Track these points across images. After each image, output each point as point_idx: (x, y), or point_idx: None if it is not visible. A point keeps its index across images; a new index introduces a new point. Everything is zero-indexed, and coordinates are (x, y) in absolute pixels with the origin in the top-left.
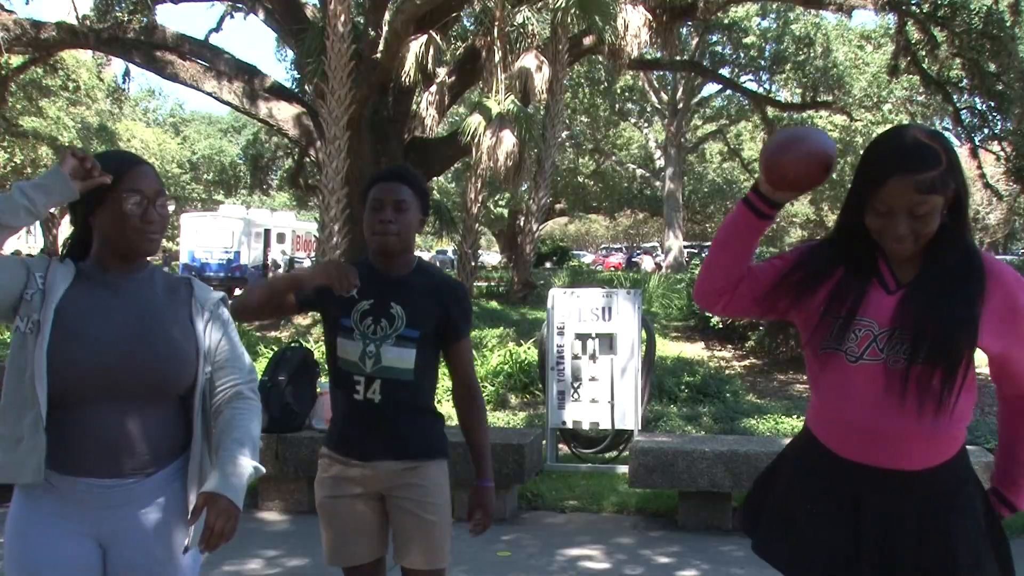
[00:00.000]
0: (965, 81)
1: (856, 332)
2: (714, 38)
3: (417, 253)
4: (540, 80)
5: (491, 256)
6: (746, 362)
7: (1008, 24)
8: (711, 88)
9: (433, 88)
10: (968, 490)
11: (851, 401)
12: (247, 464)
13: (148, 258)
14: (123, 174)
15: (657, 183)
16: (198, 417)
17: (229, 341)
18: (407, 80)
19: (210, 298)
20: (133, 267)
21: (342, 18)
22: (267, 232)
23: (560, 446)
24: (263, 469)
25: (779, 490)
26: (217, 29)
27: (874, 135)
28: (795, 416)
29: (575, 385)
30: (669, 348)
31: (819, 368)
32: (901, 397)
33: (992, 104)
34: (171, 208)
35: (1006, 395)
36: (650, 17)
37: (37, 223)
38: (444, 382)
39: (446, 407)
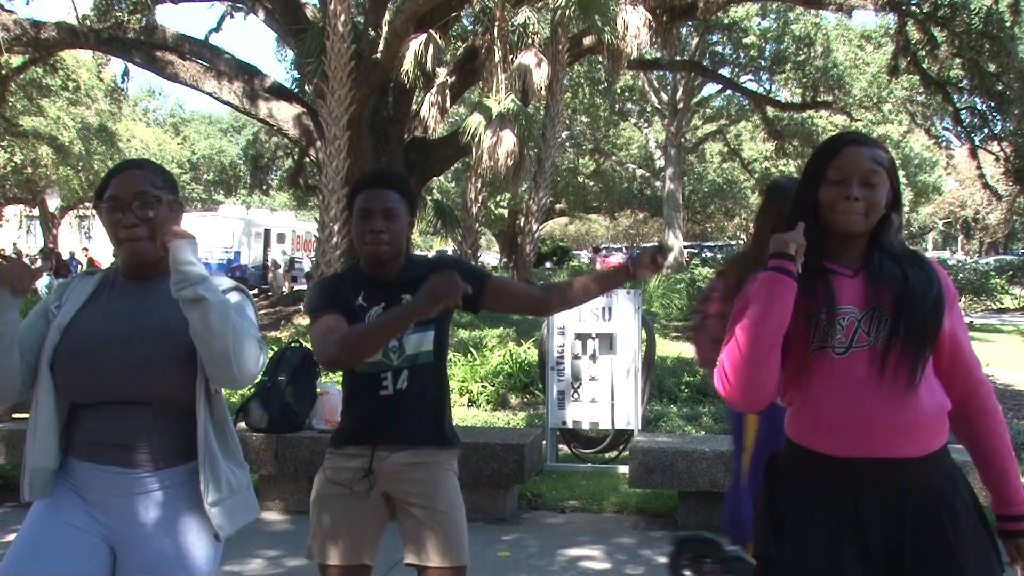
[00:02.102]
0: (965, 81)
1: (840, 323)
2: (714, 38)
3: (417, 253)
4: (540, 78)
5: (491, 256)
6: None
7: (1008, 24)
8: (711, 88)
9: (433, 88)
10: (958, 486)
11: (845, 393)
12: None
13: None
14: (104, 187)
15: (657, 183)
16: (204, 424)
17: (240, 317)
18: (407, 80)
19: (220, 287)
20: (150, 273)
21: (342, 18)
22: (267, 232)
23: (560, 446)
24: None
25: (774, 512)
26: (217, 29)
27: (875, 135)
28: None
29: (575, 385)
30: (669, 348)
31: (808, 372)
32: (890, 374)
33: (992, 104)
34: (158, 204)
35: (959, 395)
36: (650, 17)
37: (37, 223)
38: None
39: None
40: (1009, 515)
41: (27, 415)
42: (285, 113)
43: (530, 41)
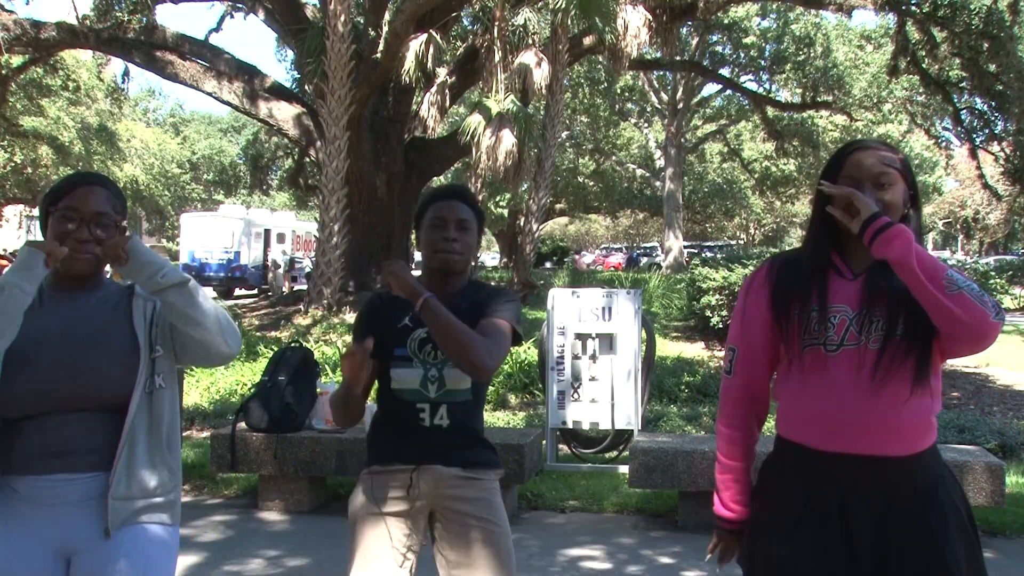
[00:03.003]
0: (965, 81)
1: (832, 320)
2: (714, 38)
3: (417, 254)
4: (539, 78)
5: (491, 256)
6: None
7: (1008, 24)
8: (711, 88)
9: (433, 88)
10: (946, 488)
11: (835, 389)
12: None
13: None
14: (65, 194)
15: (657, 183)
16: (133, 419)
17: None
18: (407, 80)
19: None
20: (79, 285)
21: (342, 18)
22: (267, 232)
23: (560, 446)
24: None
25: (764, 513)
26: (217, 29)
27: (874, 135)
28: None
29: (575, 385)
30: (669, 348)
31: (799, 368)
32: (882, 375)
33: (992, 104)
34: (114, 228)
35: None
36: (650, 17)
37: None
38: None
39: None
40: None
41: None
42: (285, 113)
43: (530, 41)
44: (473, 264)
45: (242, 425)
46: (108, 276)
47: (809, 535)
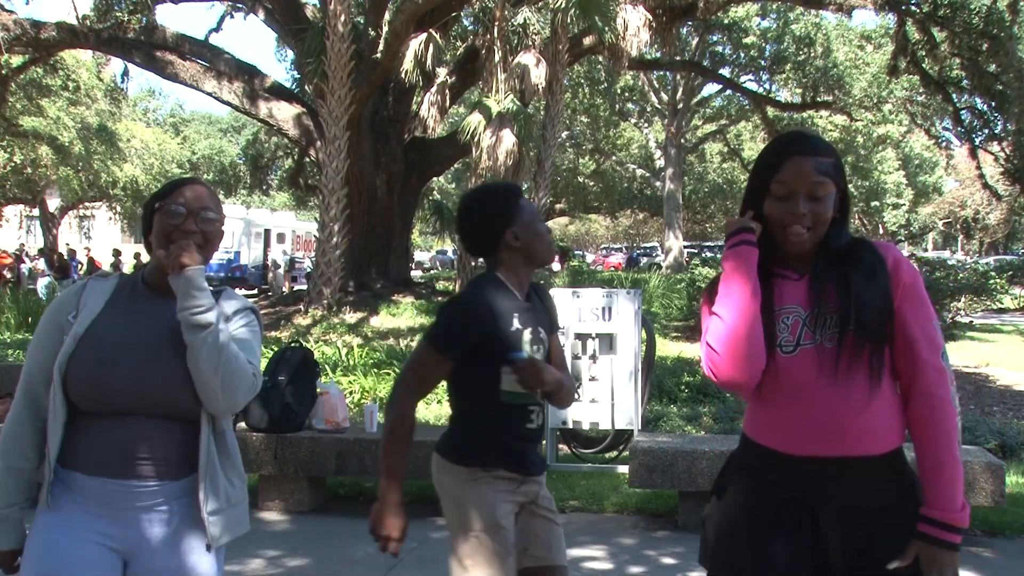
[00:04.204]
0: (965, 81)
1: (785, 321)
2: (714, 38)
3: (417, 254)
4: (539, 78)
5: None
6: None
7: (1007, 24)
8: (711, 88)
9: (433, 88)
10: (915, 489)
11: (799, 392)
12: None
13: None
14: (171, 191)
15: (657, 183)
16: (207, 438)
17: (242, 348)
18: (407, 80)
19: (228, 308)
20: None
21: (342, 18)
22: (267, 232)
23: (560, 446)
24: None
25: (730, 511)
26: (217, 29)
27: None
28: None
29: (575, 385)
30: (669, 348)
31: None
32: (840, 372)
33: (992, 104)
34: (218, 224)
35: (906, 380)
36: (650, 17)
37: (36, 222)
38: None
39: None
40: (928, 517)
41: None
42: (285, 113)
43: (530, 41)
44: (474, 264)
45: (242, 425)
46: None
47: (777, 537)
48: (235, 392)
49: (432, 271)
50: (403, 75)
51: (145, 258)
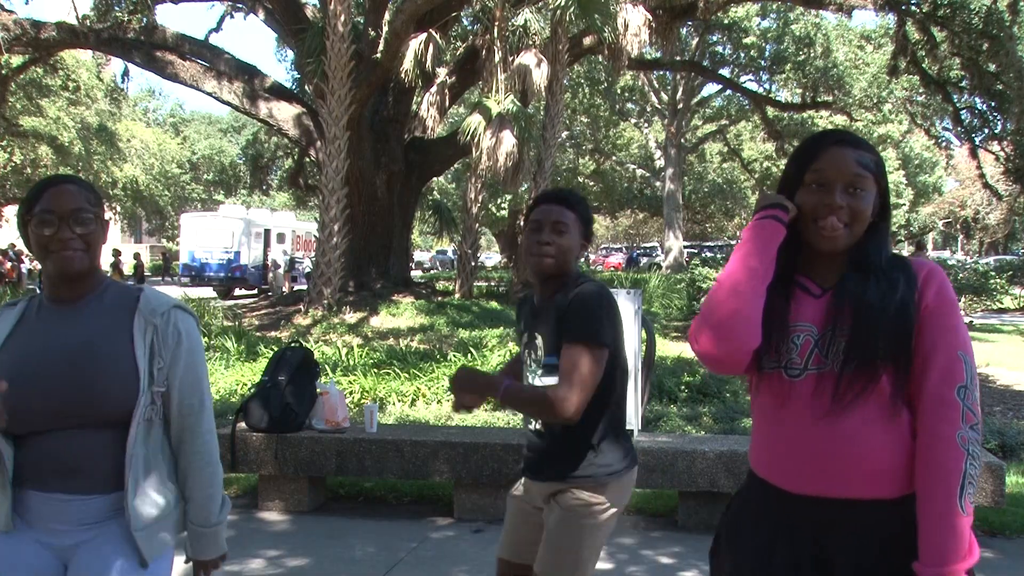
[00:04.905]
0: (965, 81)
1: (795, 340)
2: (714, 38)
3: (417, 254)
4: (539, 78)
5: (487, 256)
6: None
7: (1007, 23)
8: (711, 88)
9: (433, 88)
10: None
11: (797, 422)
12: (216, 519)
13: (95, 275)
14: (36, 199)
15: (657, 183)
16: (134, 445)
17: (177, 358)
18: (407, 80)
19: (156, 309)
20: (80, 290)
21: (342, 18)
22: (267, 232)
23: None
24: (229, 504)
25: (733, 552)
26: (217, 29)
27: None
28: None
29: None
30: (669, 348)
31: (757, 393)
32: (844, 403)
33: (992, 104)
34: (97, 224)
35: (919, 416)
36: (650, 17)
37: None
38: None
39: None
40: (917, 574)
41: None
42: (285, 113)
43: (530, 41)
44: (473, 264)
45: (242, 425)
46: (108, 274)
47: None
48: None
49: (432, 271)
50: (403, 75)
51: (146, 258)
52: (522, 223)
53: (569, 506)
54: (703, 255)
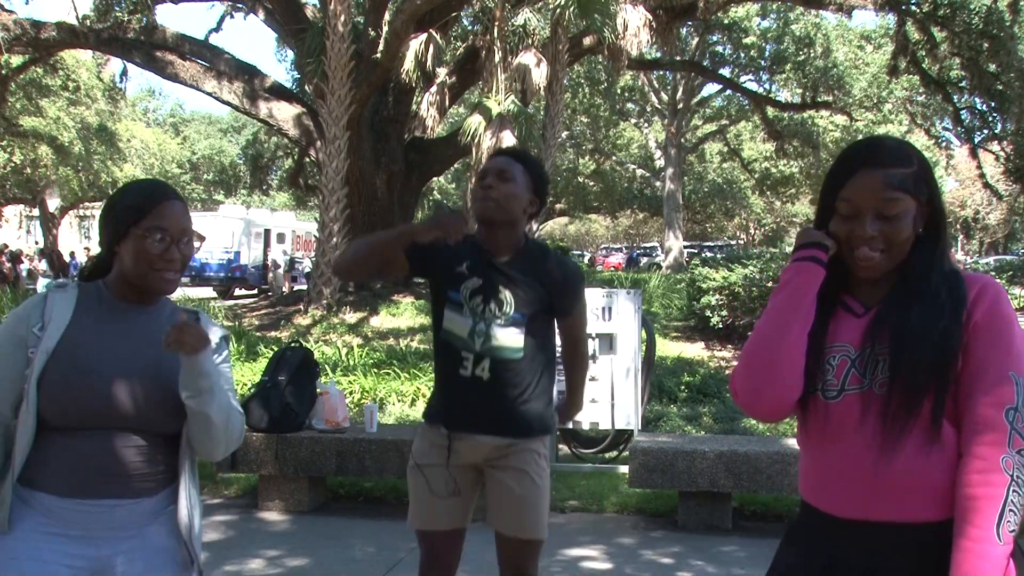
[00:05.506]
0: (965, 81)
1: (831, 361)
2: (714, 38)
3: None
4: (539, 78)
5: None
6: None
7: (1008, 24)
8: (711, 88)
9: (433, 88)
10: None
11: (840, 444)
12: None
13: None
14: (148, 210)
15: (657, 183)
16: (185, 455)
17: (220, 380)
18: (407, 80)
19: (214, 338)
20: (146, 300)
21: (342, 18)
22: (267, 232)
23: (560, 446)
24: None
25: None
26: (217, 29)
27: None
28: (794, 416)
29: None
30: (669, 348)
31: (802, 419)
32: (892, 424)
33: (992, 104)
34: (198, 245)
35: (963, 445)
36: (650, 17)
37: (36, 222)
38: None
39: None
40: None
41: None
42: (285, 113)
43: (530, 41)
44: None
45: None
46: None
47: None
48: (234, 442)
49: None
50: (403, 75)
51: None
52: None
53: (537, 462)
54: (703, 255)
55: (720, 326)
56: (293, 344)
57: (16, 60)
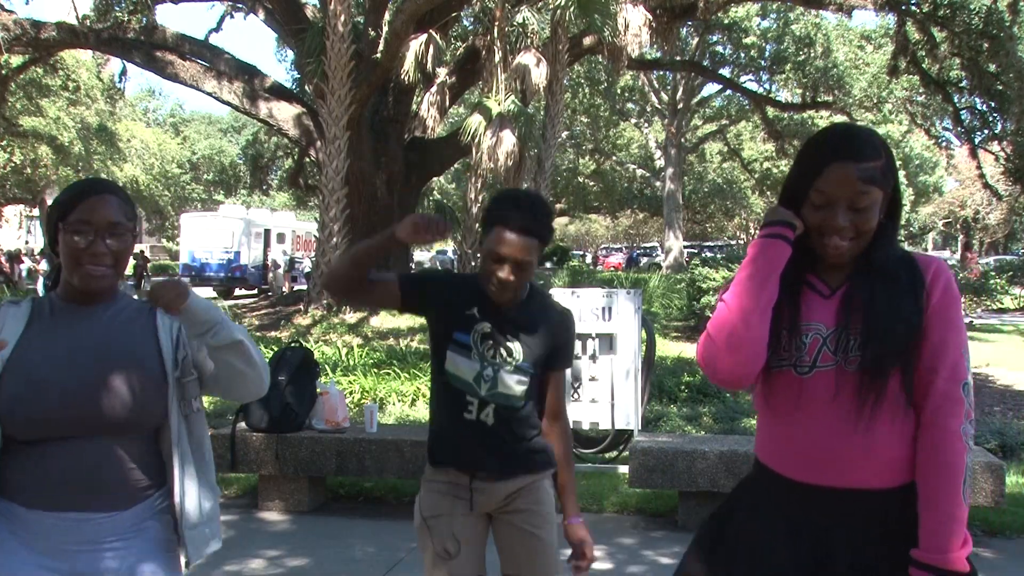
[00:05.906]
0: (965, 81)
1: (804, 339)
2: (714, 38)
3: (417, 254)
4: (539, 78)
5: None
6: None
7: (1008, 24)
8: (711, 88)
9: (433, 88)
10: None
11: (812, 418)
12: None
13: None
14: (73, 206)
15: (657, 183)
16: (180, 444)
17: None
18: (407, 80)
19: None
20: (92, 300)
21: (342, 18)
22: (267, 232)
23: None
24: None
25: (735, 536)
26: (217, 29)
27: None
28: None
29: (575, 385)
30: (669, 348)
31: (769, 390)
32: (859, 398)
33: (992, 104)
34: (130, 239)
35: (926, 412)
36: (650, 17)
37: (36, 222)
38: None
39: None
40: (919, 561)
41: None
42: (285, 113)
43: (530, 41)
44: (473, 264)
45: (242, 425)
46: (122, 288)
47: (777, 567)
48: (266, 373)
49: None
50: (403, 75)
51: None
52: (482, 222)
53: (546, 499)
54: (703, 255)
55: None
56: (293, 344)
57: (16, 60)
